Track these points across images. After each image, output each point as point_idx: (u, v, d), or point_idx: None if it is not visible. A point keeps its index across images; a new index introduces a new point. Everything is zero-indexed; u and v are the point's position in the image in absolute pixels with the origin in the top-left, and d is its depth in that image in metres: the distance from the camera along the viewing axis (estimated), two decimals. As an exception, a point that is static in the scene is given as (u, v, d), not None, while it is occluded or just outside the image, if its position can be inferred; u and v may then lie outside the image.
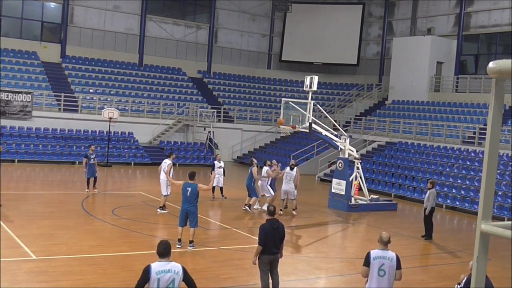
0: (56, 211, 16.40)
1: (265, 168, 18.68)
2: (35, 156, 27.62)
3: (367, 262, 7.65)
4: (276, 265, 9.60)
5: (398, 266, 7.67)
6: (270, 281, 9.50)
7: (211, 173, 19.11)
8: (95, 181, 19.81)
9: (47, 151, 28.12)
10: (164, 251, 6.19)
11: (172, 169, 16.64)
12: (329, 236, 16.77)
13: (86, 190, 19.54)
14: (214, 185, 19.46)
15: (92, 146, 21.06)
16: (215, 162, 20.89)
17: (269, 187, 18.62)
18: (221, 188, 20.51)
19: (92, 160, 19.52)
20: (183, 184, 12.81)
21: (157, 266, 6.11)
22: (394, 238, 8.89)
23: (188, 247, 12.73)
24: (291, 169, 18.66)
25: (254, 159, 19.75)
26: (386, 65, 38.34)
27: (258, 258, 9.40)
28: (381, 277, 7.54)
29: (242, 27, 41.70)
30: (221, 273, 11.48)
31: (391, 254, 7.69)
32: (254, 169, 18.47)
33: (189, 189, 12.58)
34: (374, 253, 7.67)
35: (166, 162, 17.15)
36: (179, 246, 12.72)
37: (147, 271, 6.08)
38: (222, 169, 20.45)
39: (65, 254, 11.92)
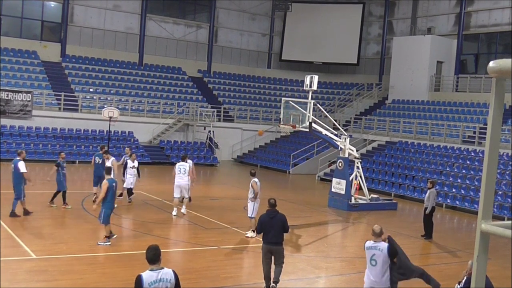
0: (56, 211, 16.39)
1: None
2: (35, 155, 27.59)
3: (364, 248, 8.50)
4: (279, 257, 10.03)
5: (389, 254, 8.09)
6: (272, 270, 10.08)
7: (123, 176, 18.29)
8: (65, 195, 16.61)
9: (47, 150, 28.10)
10: (154, 257, 5.89)
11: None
12: (329, 235, 16.78)
13: (53, 205, 16.60)
14: (125, 186, 18.34)
15: (62, 153, 17.58)
16: (128, 160, 18.55)
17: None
18: (130, 190, 18.57)
19: (64, 169, 16.70)
20: (107, 181, 12.77)
21: (148, 276, 5.78)
22: (394, 237, 8.92)
23: (99, 242, 12.78)
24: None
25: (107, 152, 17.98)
26: (386, 65, 38.33)
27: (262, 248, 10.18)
28: (373, 266, 8.19)
29: (242, 27, 41.69)
30: (221, 273, 11.49)
31: (383, 245, 8.18)
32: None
33: (114, 184, 12.99)
34: (368, 243, 8.36)
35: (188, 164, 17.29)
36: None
37: (139, 282, 5.75)
38: (135, 169, 18.49)
39: (65, 253, 11.93)
